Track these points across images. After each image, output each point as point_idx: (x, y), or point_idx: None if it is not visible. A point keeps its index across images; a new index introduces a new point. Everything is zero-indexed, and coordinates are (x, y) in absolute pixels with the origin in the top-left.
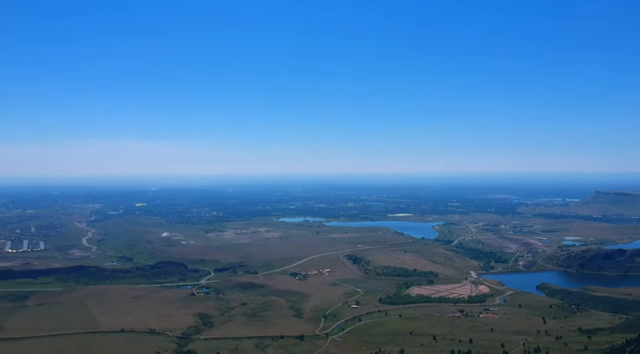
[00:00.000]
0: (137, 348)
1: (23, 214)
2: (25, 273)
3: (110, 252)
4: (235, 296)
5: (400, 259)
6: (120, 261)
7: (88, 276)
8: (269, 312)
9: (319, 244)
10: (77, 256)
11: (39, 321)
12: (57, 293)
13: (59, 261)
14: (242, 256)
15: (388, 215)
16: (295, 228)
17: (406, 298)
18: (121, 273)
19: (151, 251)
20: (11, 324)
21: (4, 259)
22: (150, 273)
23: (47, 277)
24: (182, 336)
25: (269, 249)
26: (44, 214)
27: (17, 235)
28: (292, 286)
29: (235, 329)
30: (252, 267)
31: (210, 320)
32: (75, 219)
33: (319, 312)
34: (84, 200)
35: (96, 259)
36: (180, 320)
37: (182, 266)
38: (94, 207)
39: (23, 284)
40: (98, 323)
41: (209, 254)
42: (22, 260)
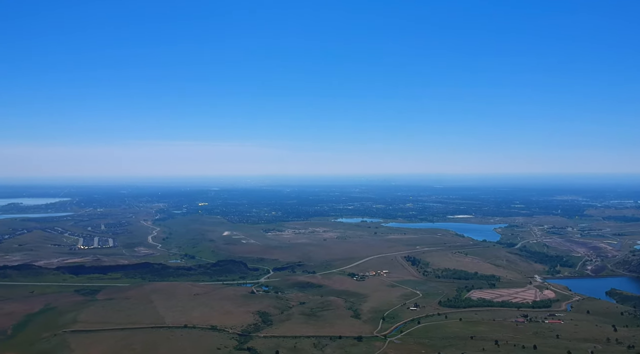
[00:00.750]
0: (199, 344)
1: (94, 212)
2: (95, 269)
3: (174, 250)
4: (294, 295)
5: (460, 261)
6: (184, 259)
7: (153, 272)
8: (327, 312)
9: (376, 245)
10: (143, 253)
11: (109, 314)
12: (125, 288)
13: (127, 257)
14: (300, 256)
15: (448, 216)
16: (353, 229)
17: (467, 302)
18: (184, 270)
19: (213, 249)
20: (84, 317)
21: (77, 255)
22: (212, 270)
23: (115, 273)
24: (242, 333)
25: (327, 250)
26: (113, 212)
27: (88, 232)
28: (349, 286)
29: (293, 328)
30: (310, 267)
31: (270, 318)
32: (142, 218)
33: (377, 313)
34: (149, 199)
35: (161, 256)
36: (240, 317)
37: (243, 265)
38: (158, 206)
39: (94, 279)
40: (163, 318)
41: (268, 253)
42: (93, 256)
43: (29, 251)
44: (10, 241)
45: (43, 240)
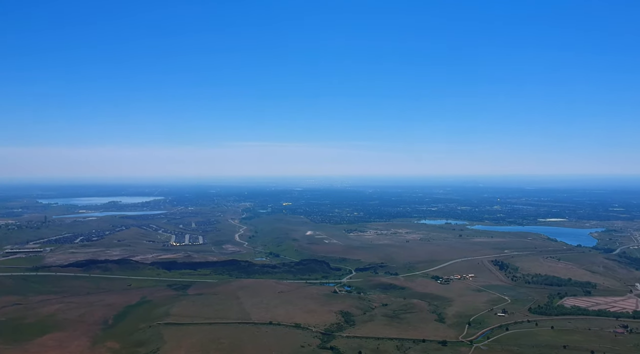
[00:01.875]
0: (283, 341)
1: (185, 211)
2: (186, 265)
3: (260, 248)
4: (376, 296)
5: (552, 267)
6: (268, 257)
7: (240, 269)
8: (410, 314)
9: (461, 248)
10: (230, 250)
11: (198, 309)
12: (214, 284)
13: (215, 254)
14: (382, 257)
15: (538, 220)
16: (437, 231)
17: (559, 309)
18: (269, 268)
19: (296, 248)
20: (176, 310)
21: (170, 251)
22: (296, 269)
23: (205, 269)
24: (325, 332)
25: (410, 251)
26: (203, 211)
27: (180, 230)
28: (433, 289)
29: (376, 329)
30: (393, 268)
31: (352, 318)
32: (229, 217)
33: (462, 318)
34: (236, 199)
35: (247, 254)
36: (323, 316)
37: (325, 264)
38: (245, 206)
39: (185, 274)
40: (249, 315)
41: (350, 253)
42: (185, 253)
43: (127, 246)
44: (110, 236)
45: (139, 236)
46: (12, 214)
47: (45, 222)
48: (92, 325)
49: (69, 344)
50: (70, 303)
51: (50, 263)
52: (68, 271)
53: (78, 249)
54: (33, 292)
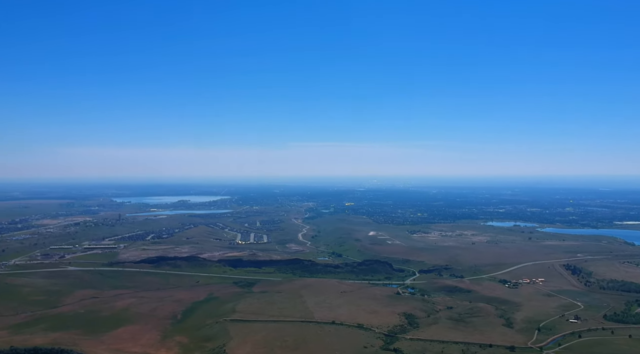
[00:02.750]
0: (346, 341)
1: (250, 210)
2: (252, 263)
3: (322, 247)
4: (441, 299)
5: (630, 272)
6: (331, 257)
7: (303, 268)
8: (476, 318)
9: (531, 251)
10: (293, 249)
11: (263, 306)
12: (278, 282)
13: (279, 253)
14: (447, 259)
15: (614, 223)
16: (505, 233)
17: (638, 317)
18: (332, 268)
19: (359, 248)
20: (241, 307)
21: (236, 249)
22: (358, 269)
23: (269, 267)
24: (388, 334)
25: (476, 254)
26: (267, 210)
27: (245, 228)
28: (500, 293)
29: (440, 332)
30: (458, 271)
31: (416, 321)
32: (293, 216)
33: (531, 323)
34: (299, 198)
35: (310, 253)
36: (386, 318)
37: (388, 265)
38: (308, 206)
39: (250, 272)
40: (312, 313)
41: (413, 254)
42: (250, 251)
43: (195, 244)
44: (179, 234)
45: (207, 234)
46: (90, 212)
47: (119, 220)
48: (162, 319)
49: (141, 337)
50: (142, 297)
51: (124, 259)
52: (140, 267)
53: (149, 246)
54: (108, 286)
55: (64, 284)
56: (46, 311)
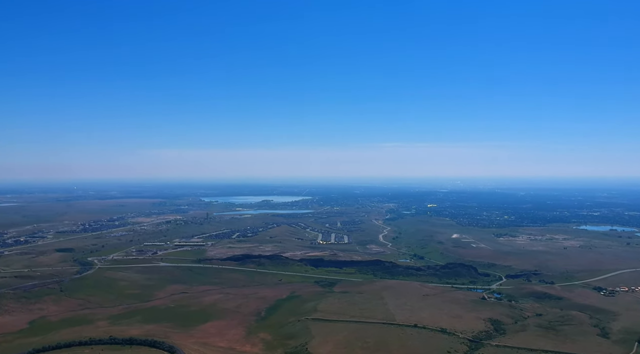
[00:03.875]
0: (429, 345)
1: (331, 210)
2: (333, 263)
3: (404, 249)
4: (529, 305)
5: None
6: (413, 259)
7: (384, 270)
8: (568, 327)
9: (629, 258)
10: (374, 251)
11: (344, 307)
12: (358, 283)
13: (360, 254)
14: (536, 264)
15: None
16: (600, 237)
17: None
18: (413, 270)
19: (441, 251)
20: (323, 306)
21: (317, 249)
22: (441, 272)
23: (350, 268)
24: (472, 339)
25: (567, 259)
26: (347, 211)
27: (326, 229)
28: (595, 301)
29: (529, 339)
30: (548, 276)
31: (502, 327)
32: (373, 217)
33: (630, 334)
34: (380, 199)
35: (391, 255)
36: (470, 323)
37: (472, 269)
38: (389, 207)
39: (331, 272)
40: (393, 316)
41: (499, 258)
42: (330, 251)
43: (278, 243)
44: (263, 233)
45: (289, 234)
46: (180, 210)
47: (207, 218)
48: (247, 316)
49: (227, 332)
50: (228, 294)
51: (211, 256)
52: (226, 264)
53: (235, 244)
54: (197, 282)
55: (157, 279)
56: (141, 304)
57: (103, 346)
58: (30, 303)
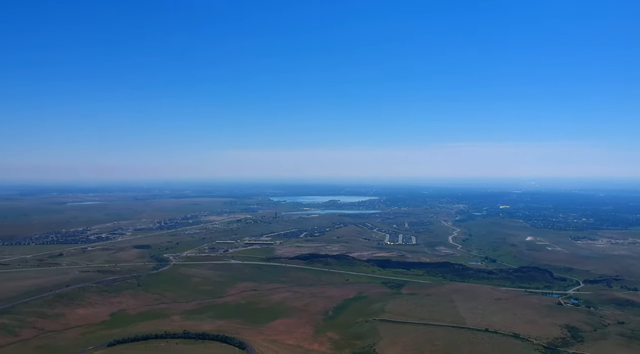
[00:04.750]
0: (501, 350)
1: (398, 211)
2: (400, 264)
3: (474, 252)
4: (610, 312)
5: None
6: (484, 262)
7: (453, 272)
8: None
9: None
10: (443, 252)
11: (412, 308)
12: (427, 285)
13: (428, 256)
14: (617, 269)
15: None
16: None
17: None
18: (485, 274)
19: (514, 254)
20: (390, 307)
21: (384, 249)
22: (514, 276)
23: (418, 269)
24: (548, 346)
25: None
26: (415, 211)
27: (393, 229)
28: None
29: (609, 348)
30: (631, 282)
31: (580, 334)
32: (442, 218)
33: None
34: (449, 200)
35: (461, 257)
36: (545, 329)
37: (548, 273)
38: (458, 208)
39: (398, 273)
40: (463, 319)
41: (577, 263)
42: (398, 252)
43: (344, 243)
44: (330, 233)
45: (356, 234)
46: (250, 209)
47: (276, 218)
48: (315, 315)
49: (295, 330)
50: (296, 292)
51: (280, 255)
52: (294, 263)
53: (302, 244)
54: (266, 280)
55: (228, 276)
56: (213, 300)
57: (177, 339)
58: (111, 297)
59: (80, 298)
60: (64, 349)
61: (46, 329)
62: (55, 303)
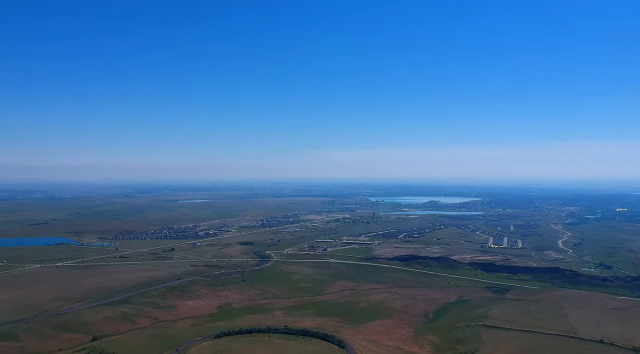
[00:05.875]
0: None
1: (503, 213)
2: (505, 268)
3: (587, 257)
4: None
5: None
6: (598, 269)
7: (563, 279)
8: None
9: None
10: (552, 258)
11: (517, 315)
12: (534, 291)
13: (535, 260)
14: None
15: None
16: None
17: None
18: (599, 281)
19: (633, 261)
20: (494, 313)
21: (488, 253)
22: (634, 285)
23: (524, 275)
24: None
25: None
26: (522, 214)
27: (498, 232)
28: None
29: None
30: None
31: None
32: (551, 221)
33: None
34: (559, 202)
35: (572, 263)
36: None
37: None
38: (569, 210)
39: (503, 278)
40: (574, 329)
41: None
42: (503, 256)
43: (445, 245)
44: (430, 235)
45: (457, 236)
46: (348, 209)
47: (374, 218)
48: (415, 317)
49: (394, 332)
50: (395, 294)
51: (378, 256)
52: (393, 264)
53: (401, 245)
54: (364, 280)
55: (327, 274)
56: (312, 297)
57: (279, 335)
58: (218, 290)
59: (190, 291)
60: (176, 338)
61: (160, 319)
62: (168, 294)
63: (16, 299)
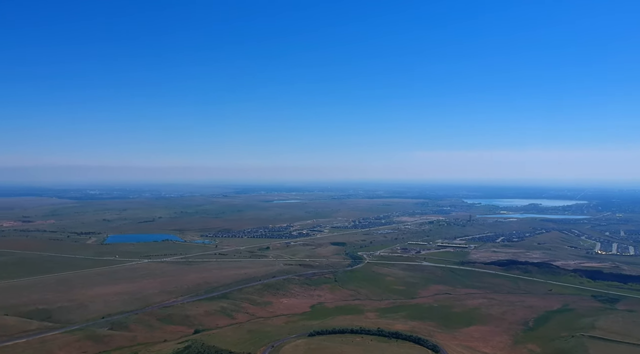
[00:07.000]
0: None
1: (611, 217)
2: (614, 276)
3: None
4: None
5: None
6: None
7: None
8: None
9: None
10: None
11: (629, 327)
12: None
13: None
14: None
15: None
16: None
17: None
18: None
19: None
20: (602, 324)
21: (594, 259)
22: None
23: (636, 283)
24: None
25: None
26: (633, 218)
27: (606, 237)
28: None
29: None
30: None
31: None
32: None
33: None
34: None
35: None
36: None
37: None
38: None
39: (612, 287)
40: None
41: None
42: (611, 263)
43: (547, 250)
44: (530, 239)
45: (560, 241)
46: (442, 211)
47: (470, 220)
48: (513, 324)
49: (491, 338)
50: (492, 299)
51: (474, 259)
52: (489, 268)
53: (499, 249)
54: (459, 284)
55: (420, 277)
56: (405, 300)
57: (371, 336)
58: (311, 289)
59: (284, 289)
60: (270, 334)
61: (256, 315)
62: (263, 291)
63: (127, 291)
